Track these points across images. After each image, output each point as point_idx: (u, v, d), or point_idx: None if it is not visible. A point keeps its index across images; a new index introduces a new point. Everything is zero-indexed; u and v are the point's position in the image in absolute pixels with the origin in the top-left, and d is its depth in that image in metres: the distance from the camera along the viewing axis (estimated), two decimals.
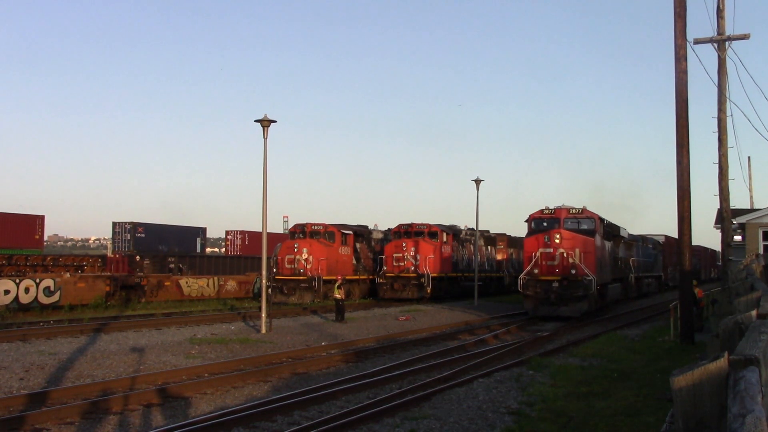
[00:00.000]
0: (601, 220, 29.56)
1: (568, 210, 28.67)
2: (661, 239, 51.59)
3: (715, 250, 73.17)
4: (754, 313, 5.52)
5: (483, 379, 13.78)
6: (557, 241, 27.24)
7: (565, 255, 27.13)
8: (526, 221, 29.42)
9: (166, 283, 35.02)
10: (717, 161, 24.97)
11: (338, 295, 26.38)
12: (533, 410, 11.20)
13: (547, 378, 14.18)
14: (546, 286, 27.28)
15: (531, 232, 28.84)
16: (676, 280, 54.38)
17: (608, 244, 31.15)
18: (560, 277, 27.00)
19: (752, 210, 33.31)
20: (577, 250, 27.20)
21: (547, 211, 28.91)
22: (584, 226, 28.30)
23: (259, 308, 23.41)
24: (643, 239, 44.44)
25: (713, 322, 18.40)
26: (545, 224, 28.56)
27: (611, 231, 32.83)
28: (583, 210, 28.73)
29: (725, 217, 25.47)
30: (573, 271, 26.91)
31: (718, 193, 25.35)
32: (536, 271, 27.47)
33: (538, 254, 27.59)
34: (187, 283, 36.34)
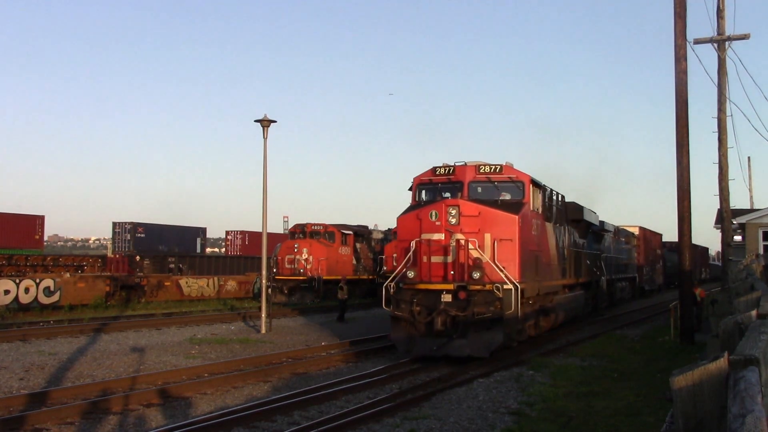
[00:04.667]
0: (539, 186, 18.11)
1: (476, 168, 16.94)
2: (635, 231, 42.08)
3: (706, 248, 71.83)
4: (754, 313, 5.52)
5: (483, 379, 13.78)
6: (452, 220, 15.75)
7: (463, 244, 15.64)
8: (410, 189, 17.86)
9: (166, 283, 35.01)
10: (717, 161, 24.99)
11: (341, 295, 26.43)
12: (533, 410, 11.20)
13: (547, 378, 14.18)
14: (430, 302, 15.59)
15: (414, 206, 17.25)
16: (654, 284, 47.63)
17: (555, 229, 20.09)
18: (454, 286, 15.51)
19: (752, 210, 33.30)
20: (487, 237, 15.74)
21: (442, 171, 17.17)
22: (506, 196, 16.89)
23: (259, 308, 23.42)
24: (616, 230, 34.25)
25: (713, 322, 18.39)
26: (441, 193, 17.37)
27: (564, 210, 21.91)
28: (504, 168, 16.92)
29: (725, 217, 25.47)
30: (476, 275, 15.32)
31: (718, 193, 25.37)
32: (411, 274, 15.81)
33: (415, 244, 16.04)
34: (187, 283, 36.33)
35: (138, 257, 41.55)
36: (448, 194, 17.20)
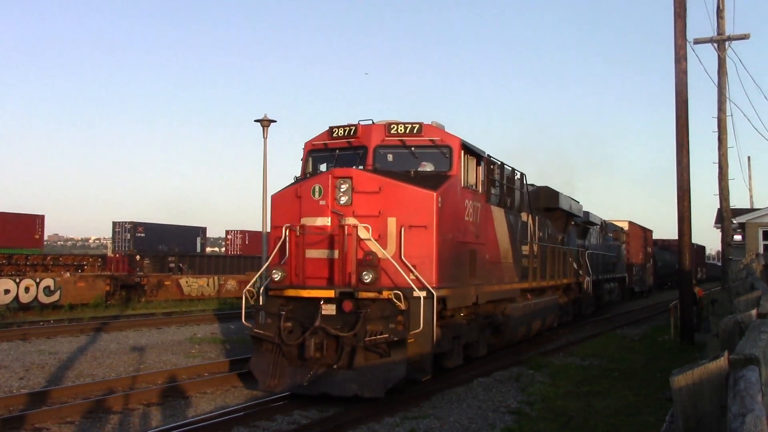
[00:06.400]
0: (477, 155, 13.58)
1: (386, 128, 12.58)
2: (625, 226, 38.31)
3: (703, 247, 71.05)
4: (754, 312, 5.53)
5: (483, 379, 13.78)
6: (342, 198, 11.57)
7: (355, 230, 11.36)
8: (302, 159, 13.54)
9: (166, 283, 35.02)
10: (717, 161, 25.00)
11: None
12: (533, 410, 11.20)
13: (546, 377, 14.18)
14: (305, 316, 11.40)
15: (300, 179, 12.97)
16: (644, 284, 44.58)
17: (510, 217, 15.79)
18: (335, 293, 11.19)
19: (752, 210, 33.32)
20: (391, 222, 11.48)
21: (341, 132, 12.84)
22: (427, 167, 12.51)
23: None
24: (603, 224, 30.70)
25: (713, 321, 18.40)
26: (340, 162, 12.72)
27: (528, 195, 17.71)
28: (425, 128, 12.56)
29: (725, 216, 25.49)
30: (368, 277, 11.08)
31: (718, 193, 25.38)
32: (278, 276, 11.54)
33: (287, 233, 11.75)
34: (187, 282, 36.34)
35: (138, 257, 41.56)
36: (339, 160, 12.75)
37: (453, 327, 12.78)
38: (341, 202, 11.62)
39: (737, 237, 32.82)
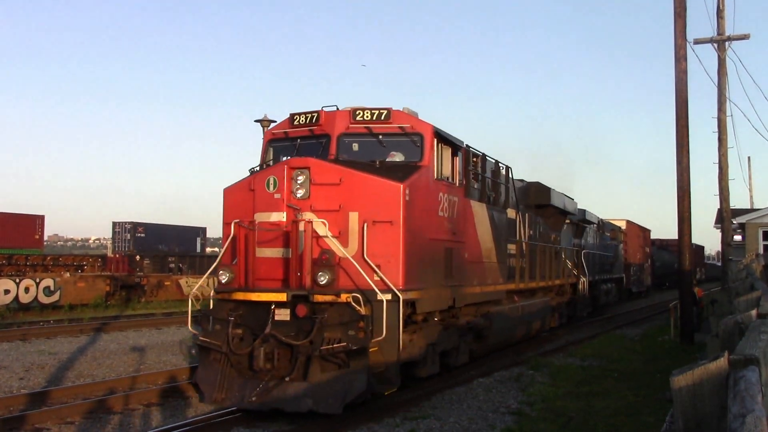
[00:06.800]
0: (452, 145, 12.52)
1: (351, 114, 11.55)
2: (622, 225, 37.51)
3: (702, 247, 70.69)
4: (754, 312, 5.53)
5: (483, 379, 13.77)
6: (299, 191, 10.58)
7: (311, 226, 10.27)
8: (262, 149, 12.62)
9: (166, 283, 35.02)
10: (717, 161, 25.02)
11: None
12: (533, 410, 11.20)
13: (546, 378, 14.18)
14: (257, 322, 10.35)
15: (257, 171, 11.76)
16: (642, 285, 43.87)
17: (493, 213, 14.71)
18: (288, 296, 10.10)
19: (752, 210, 33.34)
20: (353, 217, 10.45)
21: (302, 119, 11.82)
22: (396, 157, 11.46)
23: None
24: (600, 223, 29.64)
25: (713, 321, 18.41)
26: (302, 152, 11.69)
27: (515, 190, 16.61)
28: (394, 115, 11.53)
29: (725, 217, 25.51)
30: (324, 279, 10.08)
31: (718, 193, 25.40)
32: (225, 277, 10.71)
33: (237, 230, 10.78)
34: (187, 282, 36.33)
35: (138, 257, 41.58)
36: (300, 150, 11.77)
37: (426, 333, 11.63)
38: (298, 196, 10.55)
39: (737, 237, 32.83)
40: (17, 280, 27.58)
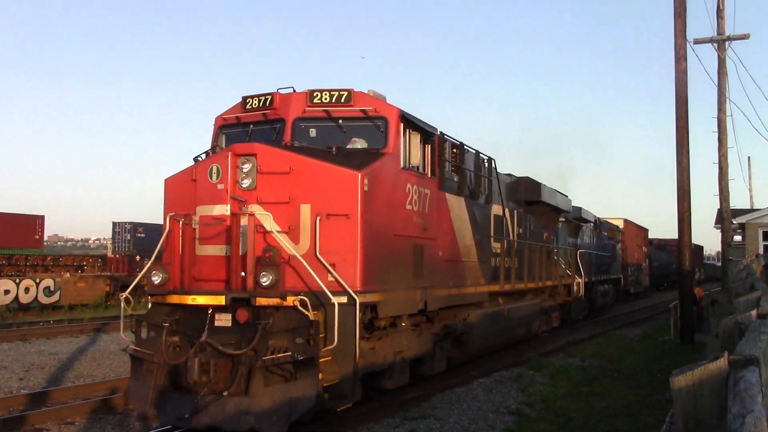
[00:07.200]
0: (422, 131, 11.41)
1: (308, 96, 10.49)
2: (620, 224, 36.73)
3: (701, 247, 70.34)
4: (754, 312, 5.53)
5: (483, 379, 13.77)
6: (244, 181, 9.45)
7: (253, 220, 9.14)
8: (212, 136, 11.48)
9: None
10: (717, 161, 25.04)
11: None
12: (533, 410, 11.20)
13: (546, 378, 14.18)
14: (196, 329, 9.06)
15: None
16: (640, 285, 43.00)
17: (473, 208, 13.71)
18: (227, 299, 8.98)
19: (752, 210, 33.34)
20: (305, 210, 9.30)
21: (256, 103, 10.84)
22: (358, 143, 10.42)
23: None
24: (597, 222, 29.00)
25: (713, 322, 18.41)
26: (256, 139, 10.47)
27: (499, 184, 15.49)
28: (355, 97, 10.48)
29: (725, 217, 25.53)
30: (266, 279, 8.79)
31: (718, 193, 25.41)
32: (158, 278, 9.58)
33: (173, 225, 9.71)
34: None
35: (138, 257, 41.53)
36: (254, 135, 10.71)
37: (392, 340, 10.57)
38: (243, 186, 9.43)
39: (737, 237, 32.85)
40: (17, 281, 27.59)
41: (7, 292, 26.89)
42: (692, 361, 9.49)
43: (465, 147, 13.51)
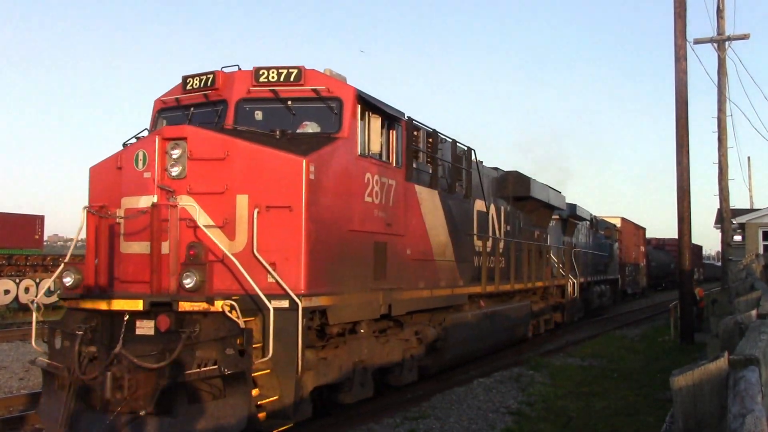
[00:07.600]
0: (383, 113, 10.04)
1: (254, 75, 9.31)
2: (617, 223, 35.84)
3: (700, 247, 70.05)
4: (754, 312, 5.54)
5: (483, 379, 13.77)
6: (174, 168, 8.29)
7: (177, 212, 7.99)
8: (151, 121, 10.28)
9: None
10: (717, 161, 25.05)
11: None
12: (533, 410, 11.20)
13: (546, 378, 14.17)
14: (111, 336, 7.80)
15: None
16: (638, 286, 42.28)
17: (449, 203, 12.51)
18: (145, 304, 7.63)
19: (752, 210, 33.36)
20: (242, 201, 8.17)
21: (197, 82, 9.57)
22: (309, 127, 9.22)
23: None
24: (593, 220, 28.10)
25: (713, 322, 18.42)
26: (194, 120, 9.55)
27: (480, 177, 14.28)
28: (307, 74, 9.26)
29: (725, 217, 25.54)
30: (190, 281, 7.71)
31: (718, 193, 25.42)
32: (70, 279, 8.53)
33: (89, 219, 8.32)
34: None
35: None
36: (195, 119, 9.67)
37: (350, 349, 9.48)
38: (172, 174, 8.30)
39: (737, 237, 32.86)
40: (17, 281, 27.59)
41: (7, 292, 26.90)
42: (692, 361, 9.49)
43: (440, 135, 12.24)
